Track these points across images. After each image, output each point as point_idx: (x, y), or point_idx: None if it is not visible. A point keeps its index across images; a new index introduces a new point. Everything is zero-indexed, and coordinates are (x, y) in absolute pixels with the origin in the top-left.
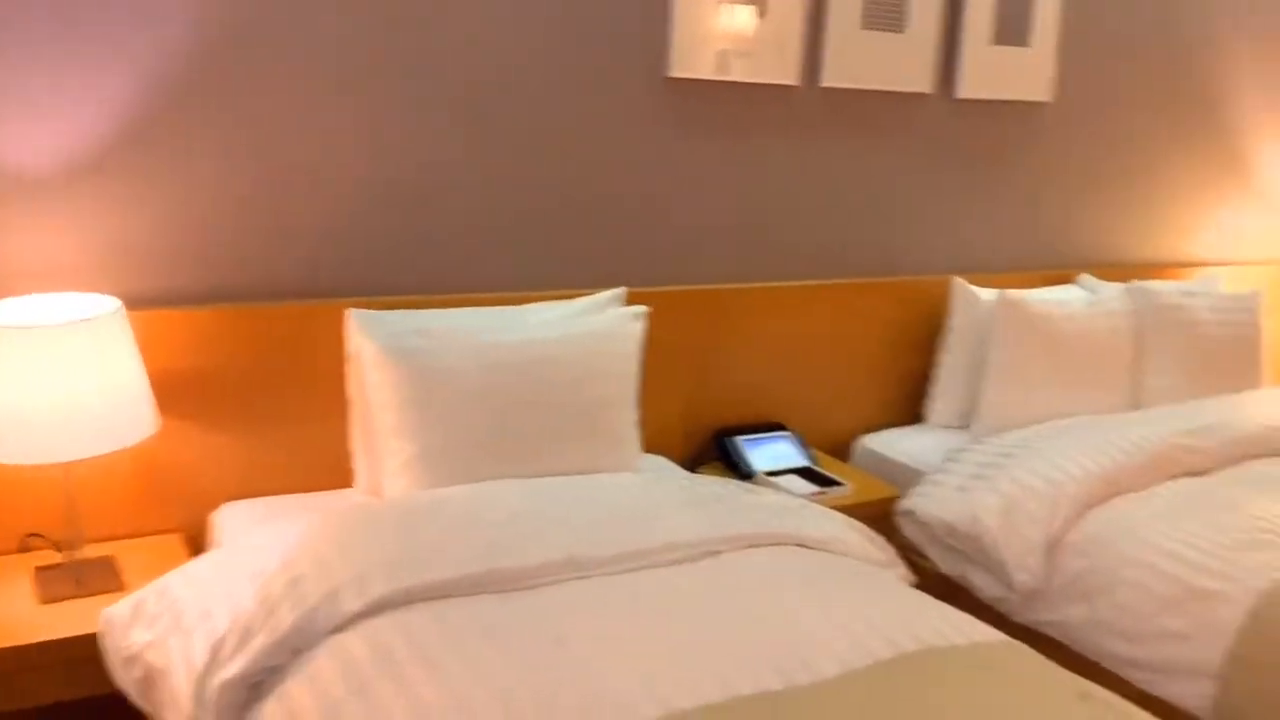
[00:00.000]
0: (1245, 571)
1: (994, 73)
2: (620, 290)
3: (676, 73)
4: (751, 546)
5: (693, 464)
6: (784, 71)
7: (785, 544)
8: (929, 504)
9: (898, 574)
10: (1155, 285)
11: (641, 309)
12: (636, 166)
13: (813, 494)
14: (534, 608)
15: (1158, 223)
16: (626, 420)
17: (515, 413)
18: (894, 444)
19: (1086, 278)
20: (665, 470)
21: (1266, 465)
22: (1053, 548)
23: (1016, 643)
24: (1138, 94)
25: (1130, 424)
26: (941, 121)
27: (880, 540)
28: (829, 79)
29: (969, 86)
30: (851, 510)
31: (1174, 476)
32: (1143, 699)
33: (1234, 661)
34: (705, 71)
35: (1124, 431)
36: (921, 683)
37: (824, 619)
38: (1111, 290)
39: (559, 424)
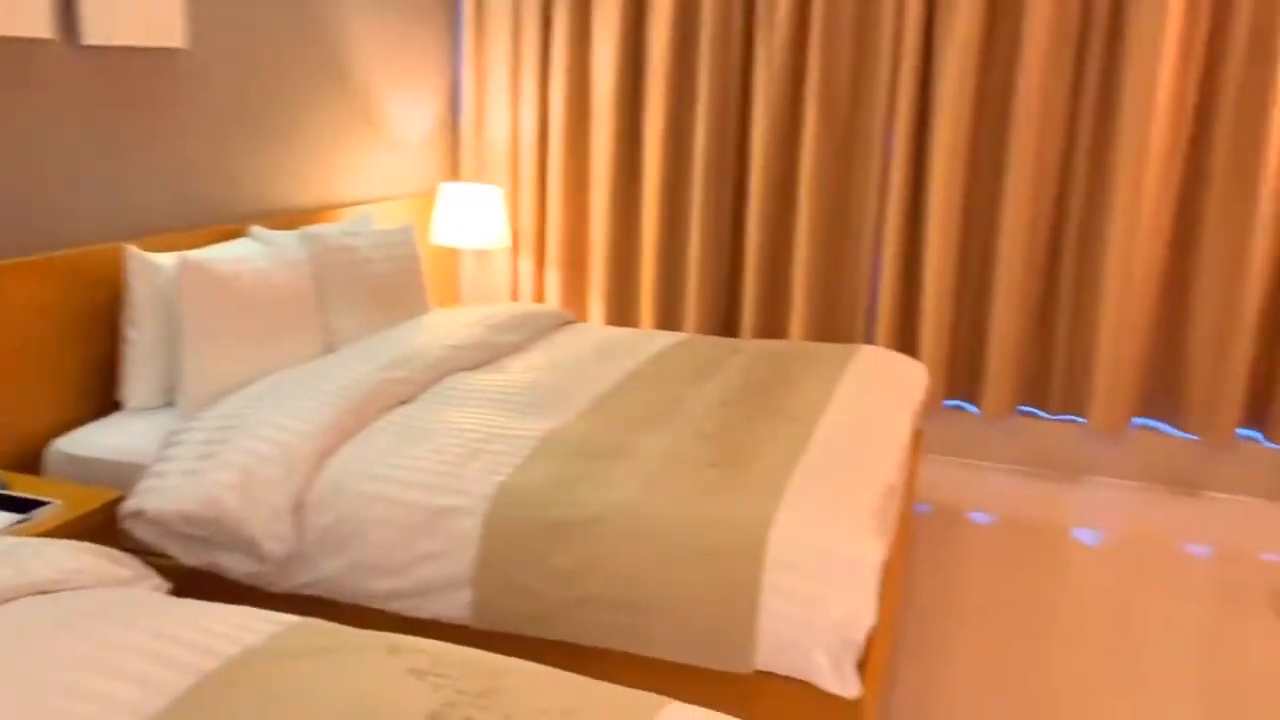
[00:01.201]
0: (473, 482)
1: (120, 16)
2: None
3: None
4: None
5: None
6: None
7: (16, 598)
8: (158, 499)
9: (151, 586)
10: (323, 229)
11: None
12: None
13: (15, 524)
14: None
15: (313, 168)
16: None
17: None
18: (95, 441)
19: (258, 229)
20: None
21: (458, 381)
22: (298, 508)
23: (312, 620)
24: (274, 43)
25: (335, 368)
26: (73, 72)
27: (121, 555)
28: None
29: (95, 31)
30: (71, 530)
31: (388, 409)
32: (408, 625)
33: (482, 566)
34: None
35: (333, 377)
36: (241, 699)
37: (96, 672)
38: (285, 239)
39: None
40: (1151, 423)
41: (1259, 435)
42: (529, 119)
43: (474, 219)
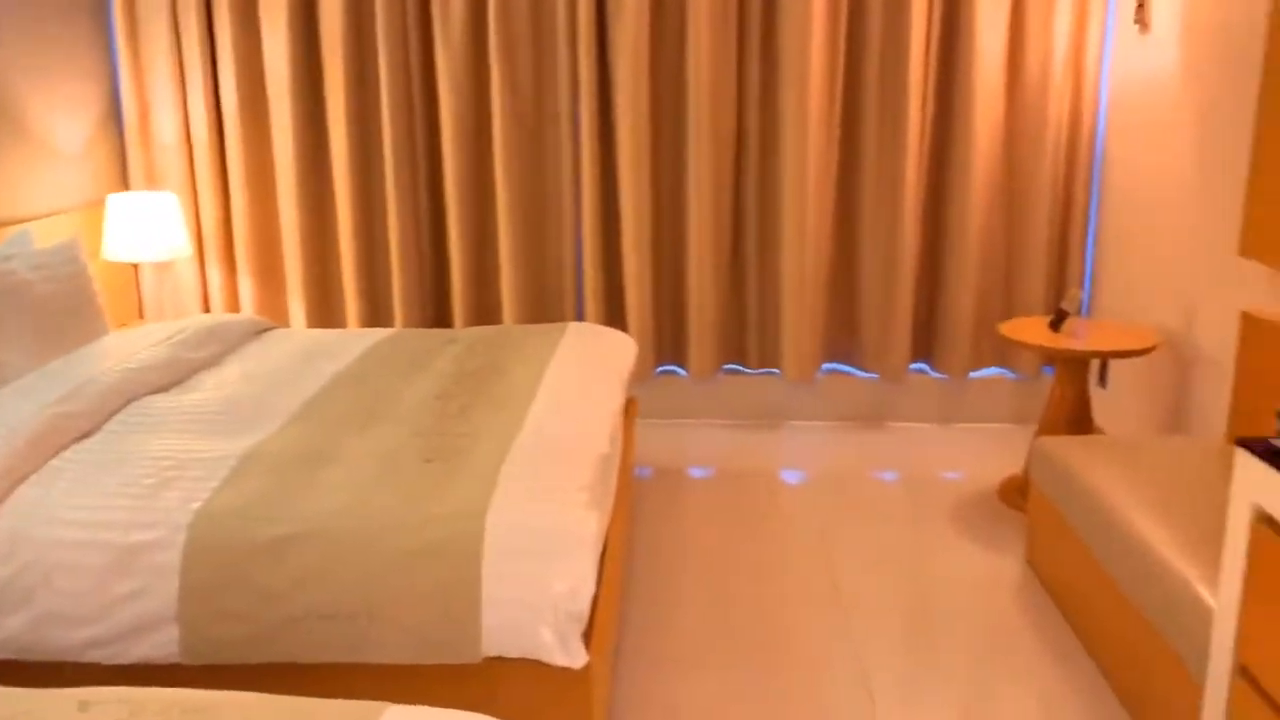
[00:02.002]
0: (168, 512)
1: None
2: None
3: None
4: None
5: None
6: None
7: None
8: None
9: None
10: None
11: None
12: None
13: None
14: None
15: None
16: None
17: None
18: None
19: None
20: None
21: (143, 406)
22: None
23: None
24: None
25: None
26: None
27: None
28: None
29: None
30: None
31: (65, 446)
32: (114, 674)
33: (186, 599)
34: None
35: None
36: None
37: None
38: None
39: None
40: (837, 367)
41: (927, 367)
42: (200, 118)
43: (149, 229)
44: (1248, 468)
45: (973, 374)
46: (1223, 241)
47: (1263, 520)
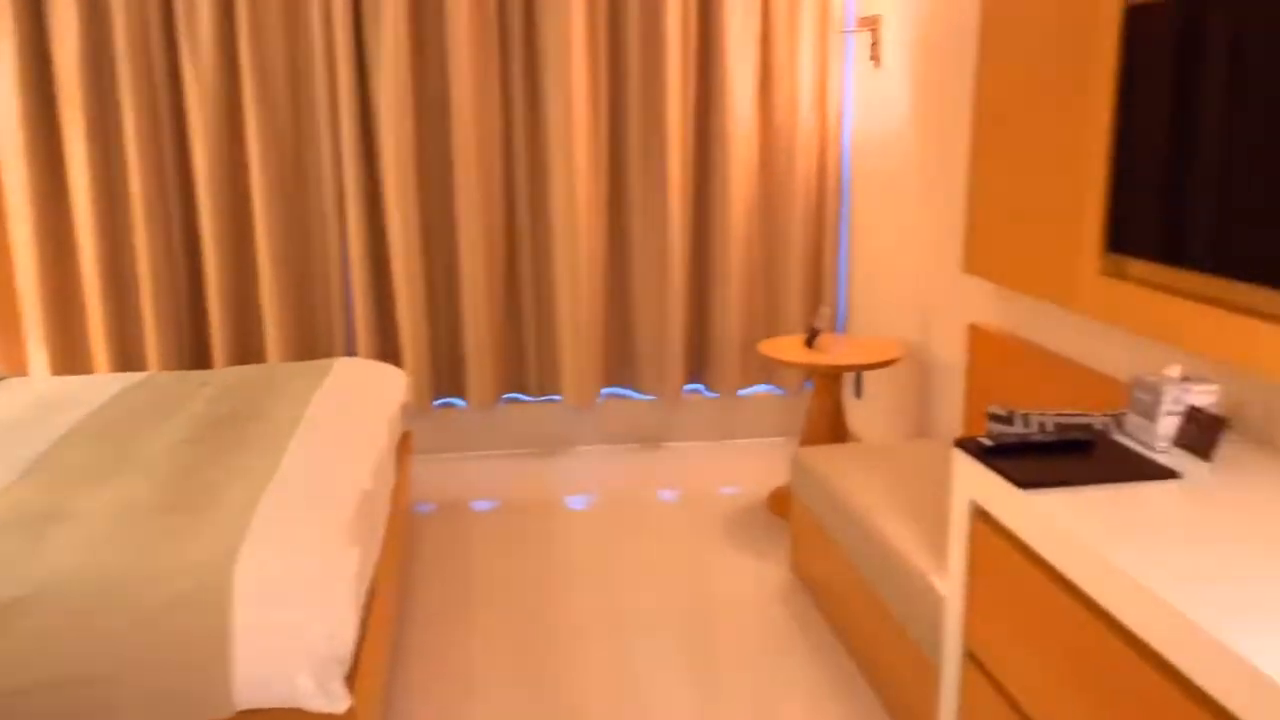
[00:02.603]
0: None
1: None
2: None
3: None
4: None
5: None
6: None
7: None
8: None
9: None
10: None
11: None
12: None
13: None
14: None
15: None
16: None
17: None
18: None
19: None
20: None
21: None
22: None
23: None
24: None
25: None
26: None
27: None
28: None
29: None
30: None
31: None
32: None
33: None
34: None
35: None
36: None
37: None
38: None
39: None
40: (616, 391)
41: (702, 388)
42: None
43: None
44: (963, 466)
45: (742, 392)
46: (951, 259)
47: (978, 514)
